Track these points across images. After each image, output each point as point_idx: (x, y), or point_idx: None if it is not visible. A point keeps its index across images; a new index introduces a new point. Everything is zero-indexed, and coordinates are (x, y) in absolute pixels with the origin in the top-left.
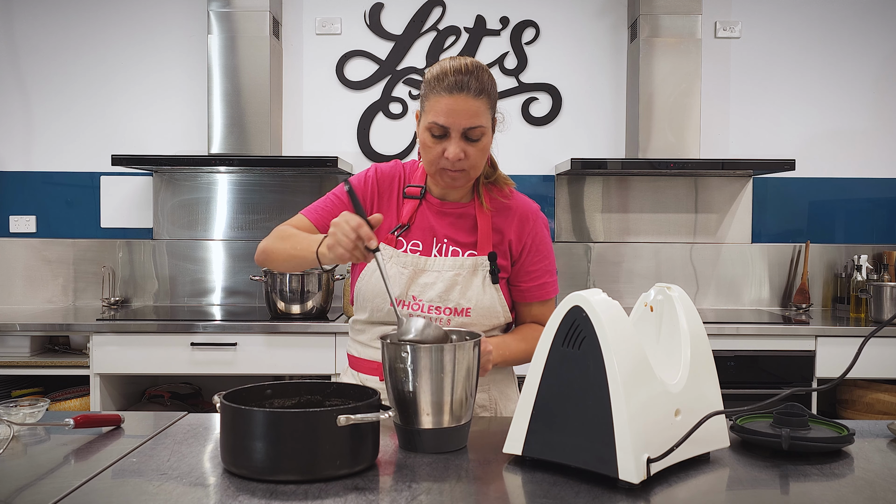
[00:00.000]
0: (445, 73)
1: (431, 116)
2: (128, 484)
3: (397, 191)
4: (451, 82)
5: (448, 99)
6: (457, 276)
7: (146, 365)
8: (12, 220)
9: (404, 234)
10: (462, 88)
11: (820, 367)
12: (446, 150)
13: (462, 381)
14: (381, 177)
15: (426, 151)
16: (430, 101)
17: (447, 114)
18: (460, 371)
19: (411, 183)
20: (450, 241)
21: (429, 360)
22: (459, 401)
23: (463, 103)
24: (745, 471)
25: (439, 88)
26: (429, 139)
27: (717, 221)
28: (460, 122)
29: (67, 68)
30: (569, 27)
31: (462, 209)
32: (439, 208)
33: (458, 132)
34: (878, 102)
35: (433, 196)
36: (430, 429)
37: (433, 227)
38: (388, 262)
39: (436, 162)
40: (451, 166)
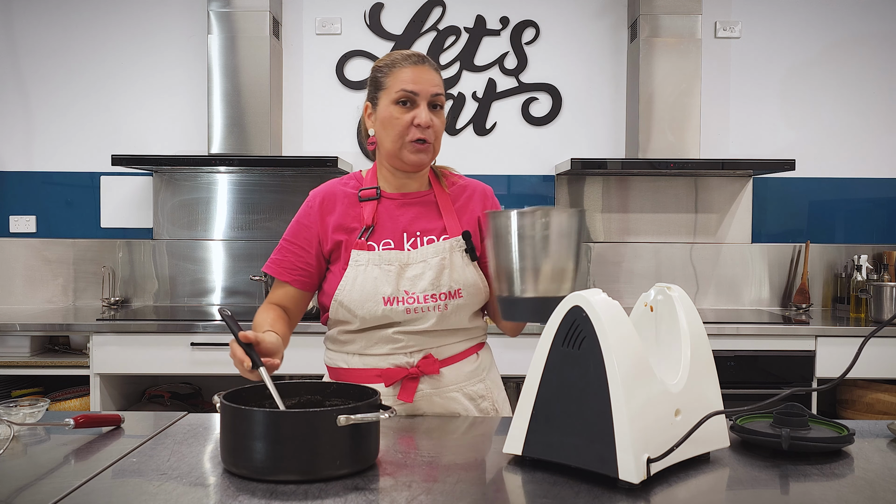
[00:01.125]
0: (403, 53)
1: (399, 86)
2: (128, 484)
3: (348, 199)
4: (415, 57)
5: (413, 69)
6: (443, 261)
7: (146, 365)
8: (12, 220)
9: (372, 236)
10: (424, 62)
11: (820, 367)
12: (416, 117)
13: (562, 249)
14: (322, 197)
15: (393, 125)
16: (393, 76)
17: (415, 81)
18: (561, 238)
19: (362, 186)
20: (422, 232)
21: (532, 225)
22: (560, 269)
23: (427, 73)
24: (745, 471)
25: (402, 63)
26: (396, 111)
27: (717, 221)
28: (428, 88)
29: (67, 68)
30: (569, 27)
31: (423, 197)
32: (401, 201)
33: (426, 98)
34: (878, 102)
35: (390, 192)
36: (530, 297)
37: (400, 222)
38: (367, 266)
39: (404, 133)
40: (420, 134)
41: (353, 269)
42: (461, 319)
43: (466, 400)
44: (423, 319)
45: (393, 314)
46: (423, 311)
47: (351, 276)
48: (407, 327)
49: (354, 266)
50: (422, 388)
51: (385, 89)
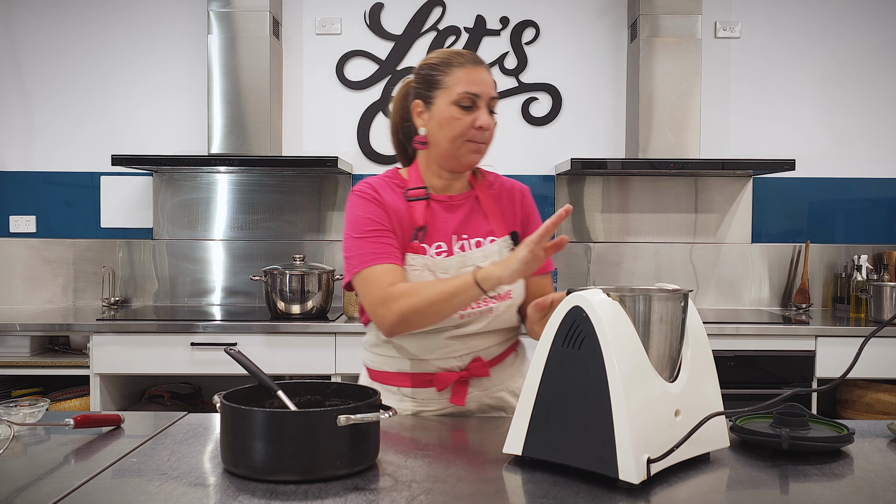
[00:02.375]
0: (458, 51)
1: (461, 87)
2: (128, 484)
3: (396, 196)
4: (472, 57)
5: (475, 69)
6: (493, 261)
7: (146, 365)
8: (12, 220)
9: (424, 238)
10: (482, 62)
11: (820, 367)
12: (477, 119)
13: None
14: (377, 188)
15: (453, 125)
16: (454, 75)
17: (479, 83)
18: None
19: (409, 186)
20: (469, 235)
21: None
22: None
23: (486, 75)
24: (745, 471)
25: (462, 62)
26: (457, 112)
27: (717, 221)
28: (488, 90)
29: (67, 68)
30: (569, 27)
31: (467, 198)
32: (448, 203)
33: (486, 101)
34: (878, 102)
35: (437, 193)
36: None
37: (449, 225)
38: (421, 271)
39: (464, 134)
40: (479, 136)
41: (409, 273)
42: (510, 319)
43: (511, 397)
44: (474, 323)
45: (447, 319)
46: (476, 315)
47: (411, 276)
48: (458, 332)
49: (410, 270)
50: (471, 390)
51: (444, 88)
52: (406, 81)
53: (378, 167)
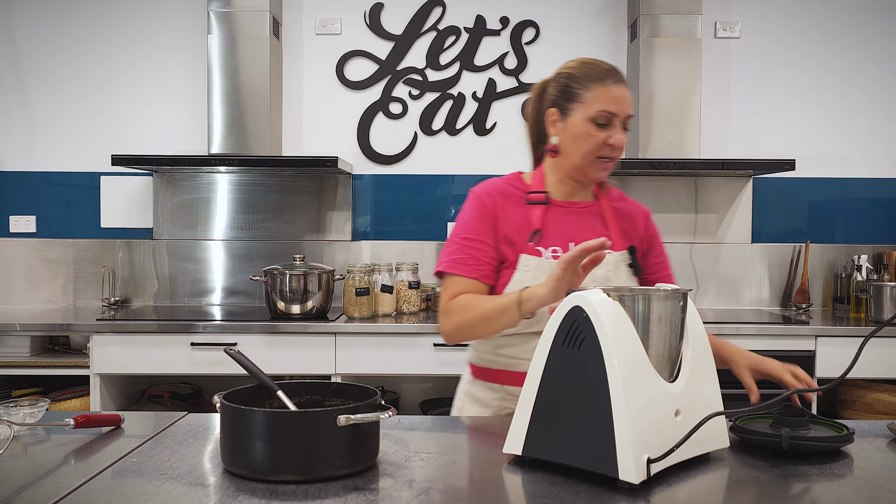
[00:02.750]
0: (600, 65)
1: (600, 105)
2: (128, 484)
3: (515, 199)
4: (614, 73)
5: (616, 87)
6: (608, 273)
7: (146, 365)
8: (12, 220)
9: (541, 241)
10: (622, 80)
11: (820, 367)
12: (611, 138)
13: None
14: (494, 194)
15: (586, 141)
16: (593, 90)
17: (617, 101)
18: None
19: (530, 189)
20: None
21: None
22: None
23: (625, 93)
24: (745, 471)
25: (603, 78)
26: (592, 128)
27: (717, 221)
28: (626, 109)
29: (67, 68)
30: (569, 27)
31: (590, 207)
32: (569, 209)
33: (622, 120)
34: (878, 102)
35: (558, 199)
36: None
37: (568, 230)
38: (535, 272)
39: (596, 150)
40: (610, 153)
41: (522, 273)
42: None
43: None
44: None
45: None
46: None
47: (518, 279)
48: None
49: (523, 270)
50: None
51: (582, 103)
52: (543, 81)
53: (378, 167)
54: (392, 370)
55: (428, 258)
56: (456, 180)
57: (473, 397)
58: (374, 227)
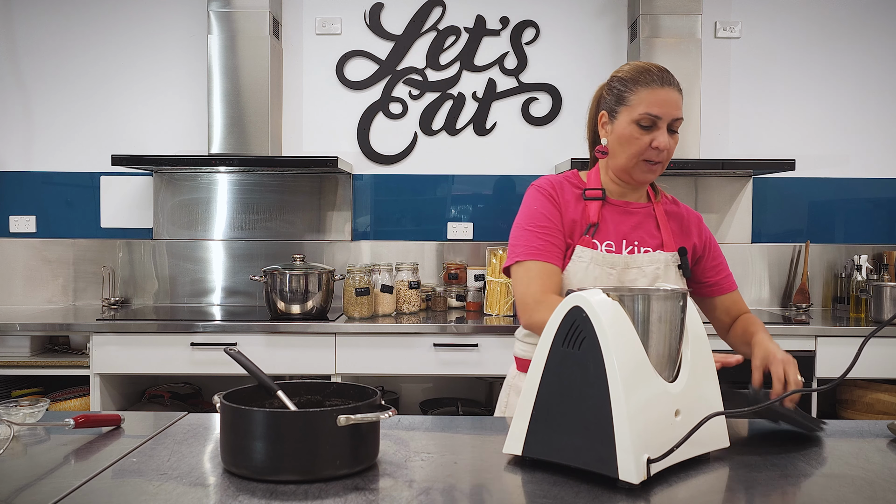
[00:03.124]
0: (649, 69)
1: (643, 108)
2: (128, 484)
3: (574, 194)
4: (660, 76)
5: (661, 90)
6: (657, 270)
7: (146, 365)
8: (12, 220)
9: (596, 235)
10: (670, 82)
11: (820, 367)
12: (655, 140)
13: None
14: (556, 186)
15: (631, 143)
16: (639, 93)
17: (661, 104)
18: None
19: (587, 186)
20: (640, 242)
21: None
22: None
23: (672, 95)
24: (745, 471)
25: (649, 81)
26: (636, 131)
27: (717, 221)
28: (671, 112)
29: (67, 68)
30: (569, 27)
31: (644, 208)
32: (623, 208)
33: (667, 122)
34: (878, 102)
35: (614, 198)
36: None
37: (622, 228)
38: (589, 264)
39: (641, 153)
40: (656, 156)
41: (576, 264)
42: None
43: None
44: None
45: None
46: None
47: (572, 270)
48: None
49: (577, 261)
50: None
51: (628, 106)
52: (601, 86)
53: (378, 167)
54: (392, 370)
55: (428, 258)
56: (456, 180)
57: (517, 390)
58: (374, 227)
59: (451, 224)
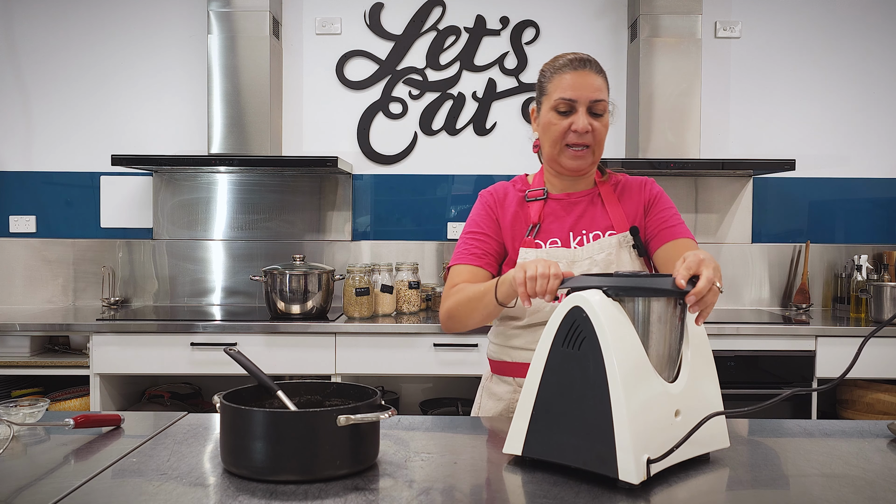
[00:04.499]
0: (564, 55)
1: (558, 93)
2: (128, 484)
3: (516, 199)
4: (574, 59)
5: (573, 74)
6: (609, 256)
7: (146, 365)
8: (12, 220)
9: (539, 235)
10: (585, 65)
11: (820, 367)
12: (573, 123)
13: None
14: (497, 194)
15: (551, 130)
16: (554, 81)
17: (574, 87)
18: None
19: (531, 188)
20: (587, 230)
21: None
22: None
23: (587, 78)
24: (745, 471)
25: (563, 68)
26: (555, 117)
27: (717, 221)
28: (586, 94)
29: (67, 68)
30: (569, 27)
31: (588, 195)
32: (566, 200)
33: (584, 105)
34: (878, 102)
35: (556, 194)
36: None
37: (566, 222)
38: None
39: (561, 138)
40: (578, 139)
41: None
42: None
43: None
44: None
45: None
46: None
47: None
48: None
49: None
50: None
51: (546, 95)
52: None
53: (378, 167)
54: (392, 370)
55: (428, 258)
56: (456, 180)
57: (490, 392)
58: (374, 227)
59: (451, 224)
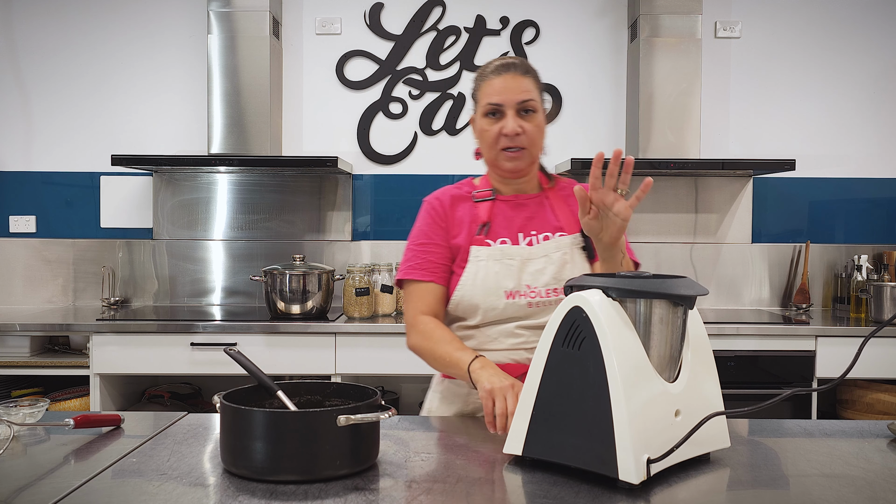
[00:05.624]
0: (490, 62)
1: (485, 99)
2: (128, 484)
3: (464, 201)
4: (499, 65)
5: (497, 79)
6: (564, 255)
7: (146, 365)
8: (12, 220)
9: (489, 234)
10: (509, 69)
11: (820, 367)
12: (504, 127)
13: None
14: (443, 199)
15: (485, 136)
16: (483, 88)
17: (499, 92)
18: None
19: (479, 189)
20: (537, 231)
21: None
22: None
23: (512, 81)
24: (745, 471)
25: (489, 74)
26: (486, 123)
27: (717, 221)
28: (512, 97)
29: (67, 68)
30: (569, 27)
31: (537, 198)
32: (514, 202)
33: (513, 108)
34: (877, 102)
35: (505, 195)
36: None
37: (515, 222)
38: (487, 261)
39: (495, 142)
40: (510, 142)
41: (474, 264)
42: None
43: None
44: (544, 313)
45: (515, 308)
46: (545, 304)
47: (472, 271)
48: (529, 321)
49: (475, 261)
50: None
51: (478, 103)
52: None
53: (378, 167)
54: (392, 370)
55: None
56: (456, 180)
57: (441, 395)
58: (374, 226)
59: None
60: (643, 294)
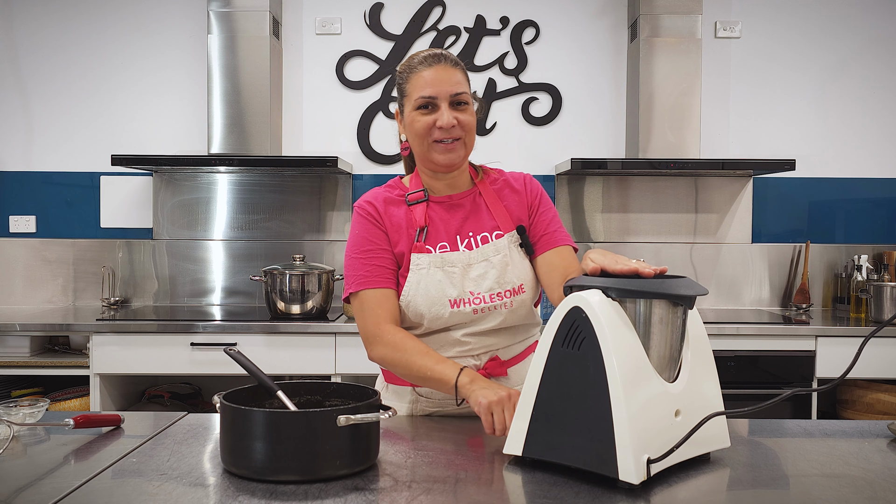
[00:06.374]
0: (418, 54)
1: (417, 92)
2: (128, 484)
3: (396, 203)
4: (428, 57)
5: (429, 71)
6: (505, 258)
7: (146, 365)
8: (12, 220)
9: (427, 239)
10: (439, 60)
11: (820, 367)
12: (438, 120)
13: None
14: (377, 202)
15: (416, 130)
16: (412, 81)
17: (431, 84)
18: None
19: (410, 191)
20: (474, 232)
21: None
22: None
23: (444, 72)
24: (745, 471)
25: (418, 67)
26: (419, 115)
27: (717, 221)
28: (446, 88)
29: (67, 68)
30: (569, 27)
31: (470, 196)
32: (448, 203)
33: (446, 100)
34: (878, 102)
35: (436, 195)
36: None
37: (451, 224)
38: (429, 269)
39: (428, 134)
40: (444, 135)
41: (416, 273)
42: (525, 315)
43: None
44: (490, 318)
45: (460, 316)
46: (489, 310)
47: (414, 280)
48: (474, 328)
49: (416, 270)
50: None
51: (407, 96)
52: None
53: (378, 167)
54: None
55: None
56: None
57: (386, 401)
58: None
59: None
60: (643, 294)
